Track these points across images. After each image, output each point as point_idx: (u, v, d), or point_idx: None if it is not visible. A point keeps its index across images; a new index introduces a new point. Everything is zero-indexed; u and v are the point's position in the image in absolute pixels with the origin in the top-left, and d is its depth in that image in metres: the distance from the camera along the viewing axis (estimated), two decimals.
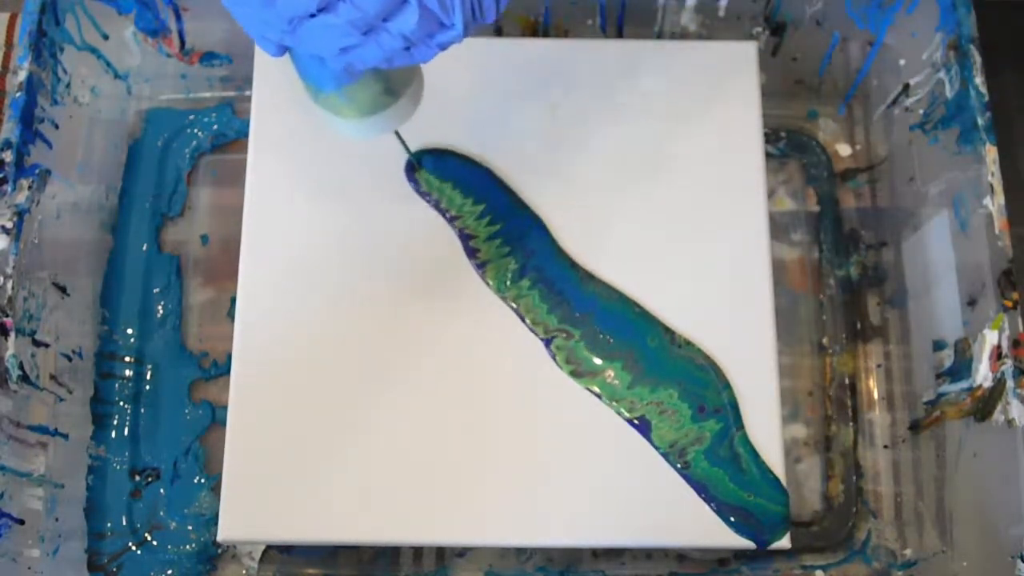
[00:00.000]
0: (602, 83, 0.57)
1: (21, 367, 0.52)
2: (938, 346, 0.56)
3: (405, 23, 0.37)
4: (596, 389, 0.52)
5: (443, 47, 0.39)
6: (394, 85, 0.46)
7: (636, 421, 0.51)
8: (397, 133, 0.53)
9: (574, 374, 0.52)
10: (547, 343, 0.52)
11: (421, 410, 0.51)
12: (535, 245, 0.54)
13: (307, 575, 0.57)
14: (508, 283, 0.53)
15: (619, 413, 0.51)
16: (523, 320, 0.53)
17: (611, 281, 0.53)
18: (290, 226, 0.54)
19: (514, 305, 0.53)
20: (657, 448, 0.51)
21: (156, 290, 0.61)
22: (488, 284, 0.53)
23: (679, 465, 0.51)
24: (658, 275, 0.53)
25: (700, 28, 0.63)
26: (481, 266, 0.53)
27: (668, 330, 0.53)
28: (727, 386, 0.52)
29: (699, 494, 0.50)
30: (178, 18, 0.62)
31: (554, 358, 0.52)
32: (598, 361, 0.52)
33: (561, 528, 0.50)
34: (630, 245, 0.54)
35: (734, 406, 0.52)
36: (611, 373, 0.52)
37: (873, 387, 0.60)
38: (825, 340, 0.61)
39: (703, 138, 0.55)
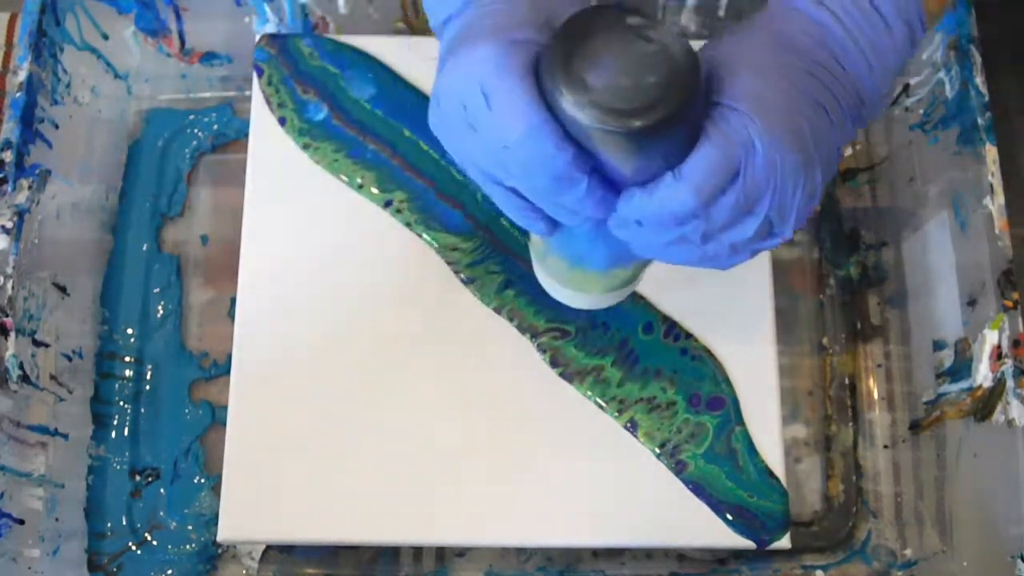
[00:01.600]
0: None
1: (21, 367, 0.52)
2: (938, 346, 0.56)
3: (743, 233, 0.35)
4: (586, 392, 0.52)
5: (755, 253, 0.37)
6: (646, 265, 0.45)
7: (626, 425, 0.51)
8: None
9: (563, 376, 0.52)
10: (536, 345, 0.52)
11: (421, 410, 0.51)
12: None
13: (307, 575, 0.57)
14: (492, 294, 0.53)
15: (611, 415, 0.51)
16: (511, 323, 0.53)
17: None
18: (290, 226, 0.54)
19: (500, 312, 0.53)
20: (648, 449, 0.51)
21: (156, 290, 0.61)
22: (475, 295, 0.53)
23: (673, 465, 0.51)
24: (657, 276, 0.53)
25: (700, 28, 0.63)
26: (467, 281, 0.53)
27: (666, 318, 0.53)
28: (726, 379, 0.52)
29: (696, 493, 0.50)
30: (178, 18, 0.62)
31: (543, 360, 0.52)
32: (586, 360, 0.52)
33: (561, 528, 0.50)
34: None
35: (733, 400, 0.52)
36: (600, 371, 0.52)
37: (873, 387, 0.60)
38: (825, 340, 0.61)
39: None
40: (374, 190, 0.55)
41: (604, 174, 0.34)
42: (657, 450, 0.51)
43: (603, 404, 0.51)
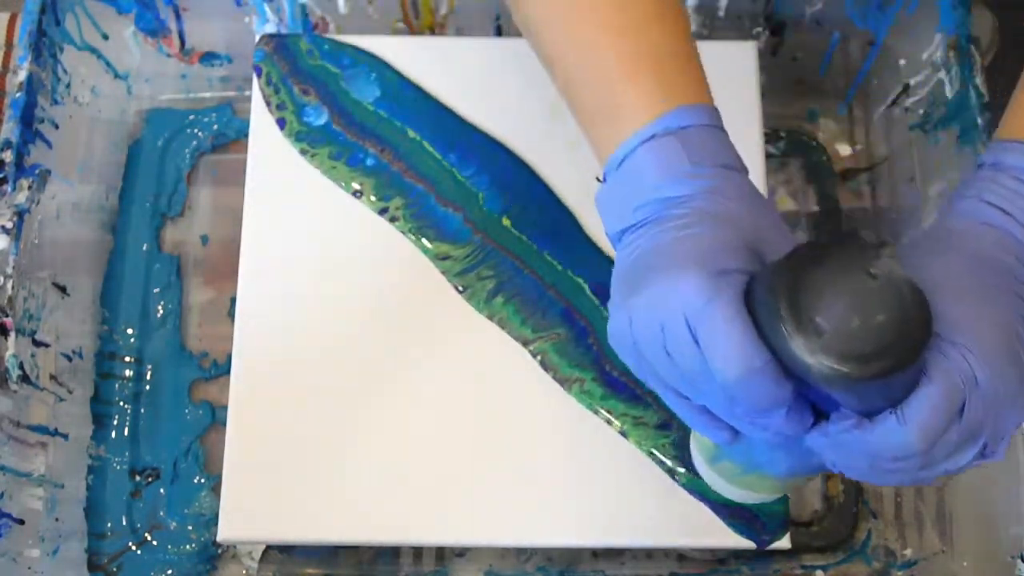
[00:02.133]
0: None
1: (21, 367, 0.52)
2: None
3: (959, 462, 0.33)
4: (576, 397, 0.51)
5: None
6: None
7: (620, 431, 0.51)
8: None
9: (556, 379, 0.52)
10: (529, 349, 0.52)
11: (421, 410, 0.51)
12: (519, 248, 0.54)
13: (307, 575, 0.57)
14: (482, 303, 0.53)
15: (603, 421, 0.51)
16: (503, 330, 0.53)
17: (603, 282, 0.53)
18: (290, 226, 0.54)
19: (491, 320, 0.53)
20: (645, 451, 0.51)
21: (156, 290, 0.61)
22: (468, 303, 0.53)
23: (668, 465, 0.50)
24: None
25: (700, 28, 0.63)
26: (460, 290, 0.53)
27: None
28: None
29: (694, 494, 0.50)
30: (178, 18, 0.62)
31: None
32: (569, 370, 0.52)
33: (561, 528, 0.50)
34: None
35: None
36: (583, 382, 0.52)
37: None
38: None
39: None
40: (372, 197, 0.55)
41: (807, 394, 0.33)
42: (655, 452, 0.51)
43: (595, 409, 0.51)
